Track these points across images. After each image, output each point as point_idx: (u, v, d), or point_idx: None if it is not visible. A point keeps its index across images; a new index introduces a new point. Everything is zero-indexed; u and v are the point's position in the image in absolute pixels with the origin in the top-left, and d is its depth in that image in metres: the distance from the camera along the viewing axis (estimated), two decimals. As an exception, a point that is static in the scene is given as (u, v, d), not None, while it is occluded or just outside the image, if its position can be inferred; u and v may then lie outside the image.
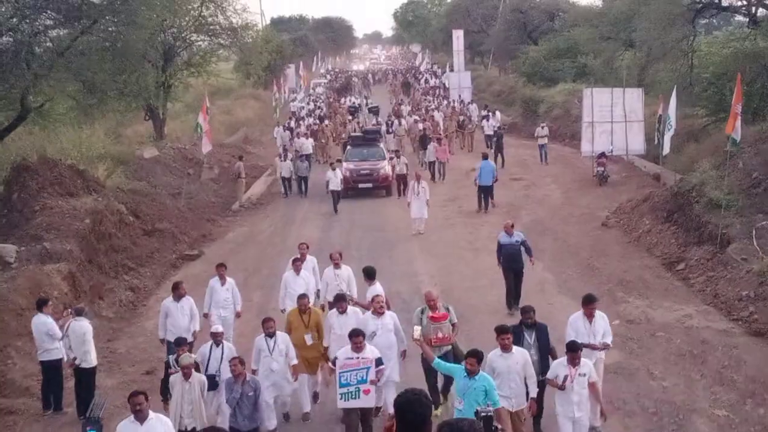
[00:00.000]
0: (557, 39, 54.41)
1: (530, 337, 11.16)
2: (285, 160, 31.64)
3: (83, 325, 12.61)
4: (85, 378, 12.64)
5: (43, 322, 12.70)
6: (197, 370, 11.03)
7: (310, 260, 16.04)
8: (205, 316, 14.58)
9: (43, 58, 24.50)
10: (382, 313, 11.91)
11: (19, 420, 12.60)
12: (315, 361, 12.55)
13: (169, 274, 20.96)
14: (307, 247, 16.29)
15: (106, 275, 19.21)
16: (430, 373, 11.56)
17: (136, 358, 15.18)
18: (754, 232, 17.93)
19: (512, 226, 16.98)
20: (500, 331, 10.44)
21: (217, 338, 11.89)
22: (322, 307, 14.48)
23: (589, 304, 11.58)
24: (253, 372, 11.45)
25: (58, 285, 16.19)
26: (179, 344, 11.48)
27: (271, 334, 11.77)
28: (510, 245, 16.65)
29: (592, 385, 10.24)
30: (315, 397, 12.78)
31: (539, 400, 10.62)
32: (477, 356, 9.58)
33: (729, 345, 14.14)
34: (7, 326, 14.69)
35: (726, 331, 14.86)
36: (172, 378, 10.76)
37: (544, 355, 11.06)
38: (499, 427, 6.90)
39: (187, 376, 10.54)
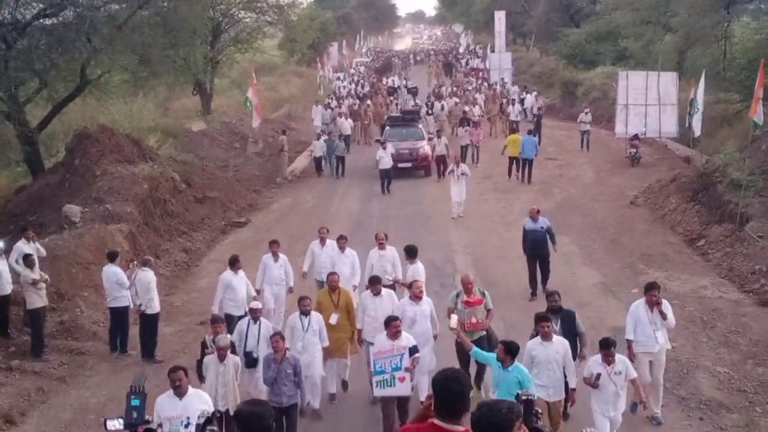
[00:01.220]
0: (598, 22, 54.80)
1: (555, 324, 10.81)
2: (319, 140, 31.85)
3: (148, 275, 14.09)
4: (149, 323, 14.11)
5: (113, 272, 14.18)
6: (233, 351, 10.82)
7: (330, 244, 15.61)
8: (257, 292, 14.39)
9: (103, 31, 25.89)
10: (421, 298, 11.75)
11: (89, 360, 14.14)
12: (340, 344, 12.27)
13: (219, 238, 22.47)
14: (327, 231, 16.16)
15: (161, 237, 20.73)
16: (462, 361, 11.46)
17: (191, 311, 16.67)
18: (772, 211, 18.86)
19: (538, 212, 16.99)
20: (540, 319, 10.29)
21: (255, 314, 11.79)
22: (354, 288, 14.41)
23: (650, 290, 11.24)
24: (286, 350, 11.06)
25: (120, 243, 17.69)
26: (214, 322, 11.38)
27: (306, 313, 11.66)
28: (534, 231, 16.67)
29: (632, 382, 10.06)
30: (344, 385, 12.66)
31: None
32: (508, 347, 9.40)
33: (738, 313, 15.22)
34: (75, 278, 16.23)
35: (737, 301, 15.93)
36: (206, 359, 10.58)
37: (571, 341, 10.63)
38: (540, 411, 6.91)
39: (222, 357, 10.31)
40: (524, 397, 6.17)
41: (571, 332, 10.89)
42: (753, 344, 13.79)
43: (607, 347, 9.92)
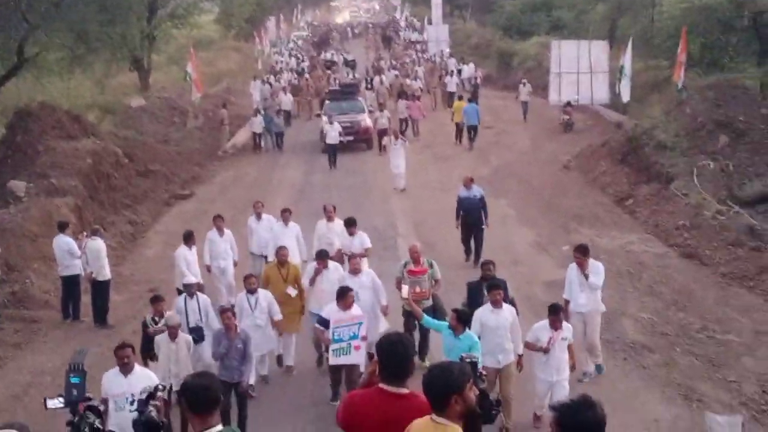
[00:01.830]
0: (533, -8, 55.81)
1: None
2: (256, 116, 31.44)
3: (98, 244, 14.47)
4: (101, 290, 14.49)
5: (65, 241, 14.54)
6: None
7: (267, 218, 15.76)
8: (208, 269, 14.60)
9: (40, 9, 25.78)
10: (359, 271, 11.83)
11: (43, 327, 14.49)
12: (294, 317, 12.32)
13: (163, 211, 22.79)
14: (263, 206, 16.20)
15: (106, 210, 20.98)
16: (408, 331, 11.46)
17: (140, 279, 17.06)
18: (695, 170, 19.92)
19: (471, 180, 17.16)
20: (491, 287, 10.33)
21: (190, 290, 11.69)
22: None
23: (575, 251, 11.59)
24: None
25: (66, 216, 17.81)
26: (154, 301, 11.31)
27: (252, 291, 11.61)
28: (468, 199, 16.82)
29: (569, 346, 10.18)
30: (278, 361, 12.53)
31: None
32: (460, 315, 9.56)
33: (662, 266, 16.20)
34: (23, 251, 16.48)
35: (662, 254, 16.93)
36: (157, 338, 10.47)
37: None
38: (484, 373, 7.32)
39: (173, 336, 10.26)
40: (468, 360, 6.35)
41: (504, 300, 10.60)
42: (675, 293, 14.74)
43: (555, 313, 9.99)
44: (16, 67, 26.96)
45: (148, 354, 10.74)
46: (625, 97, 26.95)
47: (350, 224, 14.23)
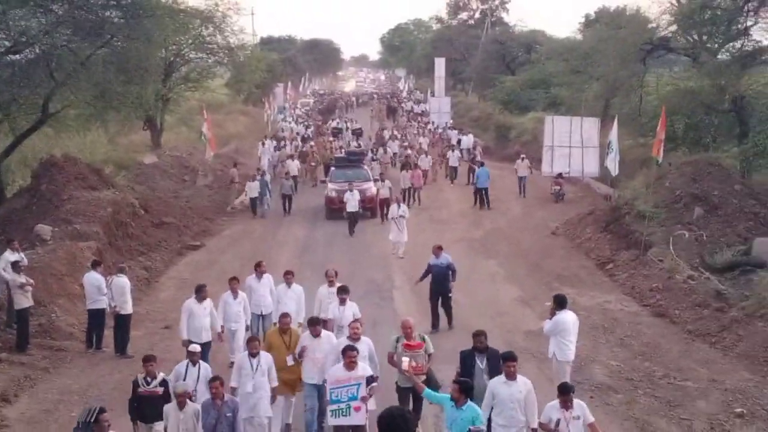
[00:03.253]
0: (532, 70, 58.10)
1: (482, 362, 11.07)
2: (254, 181, 31.46)
3: (123, 281, 16.02)
4: (123, 322, 15.99)
5: (96, 278, 16.12)
6: (167, 391, 10.94)
7: (267, 278, 15.93)
8: (222, 329, 14.63)
9: (67, 67, 27.62)
10: (358, 338, 11.65)
11: (68, 355, 15.95)
12: (293, 383, 12.24)
13: (175, 259, 24.32)
14: (264, 266, 16.33)
15: (123, 256, 22.46)
16: (402, 400, 11.50)
17: (155, 318, 18.54)
18: (671, 239, 21.51)
19: (440, 248, 17.76)
20: (507, 358, 10.31)
21: (193, 358, 11.56)
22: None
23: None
24: (233, 390, 11.13)
25: (89, 258, 19.42)
26: (146, 361, 11.22)
27: (254, 354, 11.51)
28: (437, 266, 17.39)
29: (591, 426, 9.87)
30: (287, 428, 12.49)
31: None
32: (461, 386, 9.52)
33: (635, 322, 17.71)
34: (50, 288, 17.99)
35: (635, 312, 18.45)
36: (166, 407, 10.47)
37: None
38: None
39: (181, 405, 10.26)
40: (475, 431, 6.35)
41: (497, 371, 10.65)
42: (644, 345, 16.22)
43: (565, 393, 9.78)
44: (41, 122, 28.76)
45: (137, 415, 10.97)
46: (613, 171, 28.58)
47: (342, 292, 13.94)
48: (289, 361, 12.02)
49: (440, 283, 17.40)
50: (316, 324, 12.16)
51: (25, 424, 12.85)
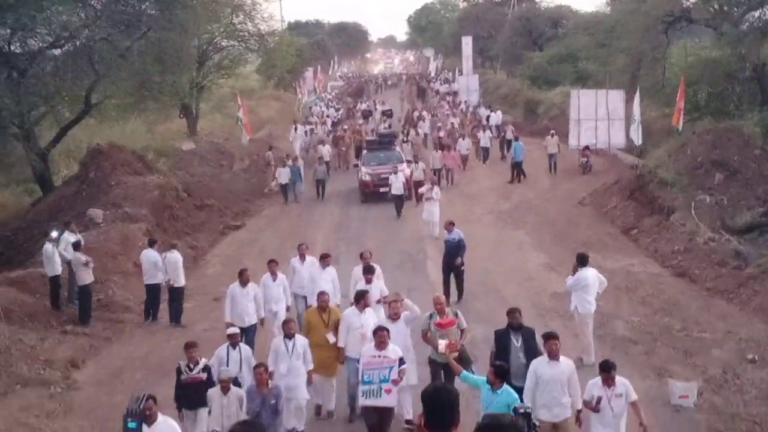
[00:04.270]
0: (559, 45, 58.67)
1: (517, 341, 10.99)
2: (284, 166, 31.72)
3: (176, 256, 17.34)
4: (177, 295, 17.36)
5: (153, 255, 17.48)
6: (210, 375, 11.08)
7: (310, 260, 16.00)
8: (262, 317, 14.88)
9: (108, 59, 28.84)
10: (398, 316, 11.81)
11: (127, 326, 17.33)
12: (331, 364, 12.34)
13: (219, 239, 25.66)
14: (307, 248, 16.54)
15: (170, 237, 23.70)
16: (435, 375, 11.55)
17: (204, 291, 19.87)
18: (693, 204, 22.32)
19: (452, 223, 18.29)
20: (548, 337, 10.23)
21: (234, 340, 11.70)
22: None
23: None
24: (270, 374, 11.00)
25: (140, 238, 20.83)
26: (188, 347, 11.30)
27: (290, 336, 11.65)
28: (449, 241, 17.99)
29: (633, 404, 9.82)
30: (330, 415, 12.55)
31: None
32: (497, 370, 9.48)
33: (656, 282, 18.67)
34: (106, 266, 19.33)
35: (657, 274, 19.40)
36: (210, 392, 10.58)
37: (533, 358, 10.52)
38: (538, 425, 7.37)
39: (225, 390, 10.38)
40: (522, 411, 6.27)
41: (532, 349, 10.77)
42: (664, 303, 17.19)
43: (607, 370, 9.75)
44: (85, 112, 30.15)
45: (182, 402, 11.09)
46: (637, 140, 29.38)
47: (368, 272, 14.21)
48: (330, 339, 12.22)
49: (450, 257, 17.91)
50: (362, 298, 12.32)
51: (94, 386, 14.18)
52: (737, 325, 15.60)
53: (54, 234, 17.92)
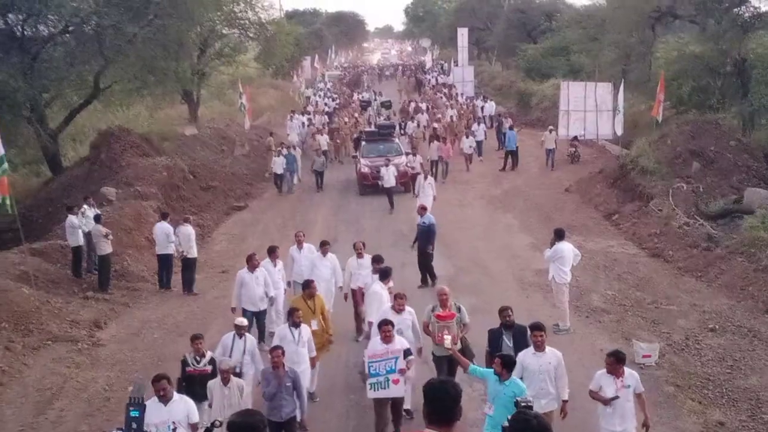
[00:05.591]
0: (553, 38, 59.98)
1: (509, 340, 11.01)
2: (279, 156, 31.85)
3: (188, 228, 18.83)
4: (189, 265, 18.83)
5: (165, 227, 18.91)
6: (214, 365, 11.01)
7: (307, 248, 16.11)
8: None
9: (117, 44, 29.98)
10: (403, 309, 11.89)
11: (143, 293, 18.80)
12: (318, 349, 12.35)
13: (224, 218, 27.05)
14: (304, 235, 16.69)
15: (178, 215, 25.13)
16: (439, 369, 11.68)
17: (213, 264, 21.33)
18: (671, 191, 23.80)
19: (424, 208, 19.18)
20: (534, 328, 10.25)
21: (240, 330, 11.77)
22: (345, 296, 15.25)
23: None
24: None
25: (152, 215, 22.26)
26: (194, 339, 11.26)
27: (297, 325, 11.77)
28: (420, 225, 18.72)
29: (638, 396, 9.77)
30: (311, 396, 12.43)
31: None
32: (504, 361, 9.50)
33: (632, 261, 20.15)
34: (121, 240, 20.72)
35: (634, 254, 20.89)
36: (210, 383, 10.53)
37: None
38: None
39: (226, 380, 10.35)
40: (524, 404, 6.26)
41: (523, 345, 10.64)
42: (638, 279, 18.69)
43: (619, 361, 9.68)
44: (93, 96, 31.38)
45: (186, 394, 10.57)
46: (618, 131, 30.78)
47: (376, 261, 14.40)
48: (314, 326, 12.33)
49: (422, 241, 18.50)
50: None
51: (116, 343, 15.66)
52: (703, 299, 17.08)
53: (85, 207, 19.34)
